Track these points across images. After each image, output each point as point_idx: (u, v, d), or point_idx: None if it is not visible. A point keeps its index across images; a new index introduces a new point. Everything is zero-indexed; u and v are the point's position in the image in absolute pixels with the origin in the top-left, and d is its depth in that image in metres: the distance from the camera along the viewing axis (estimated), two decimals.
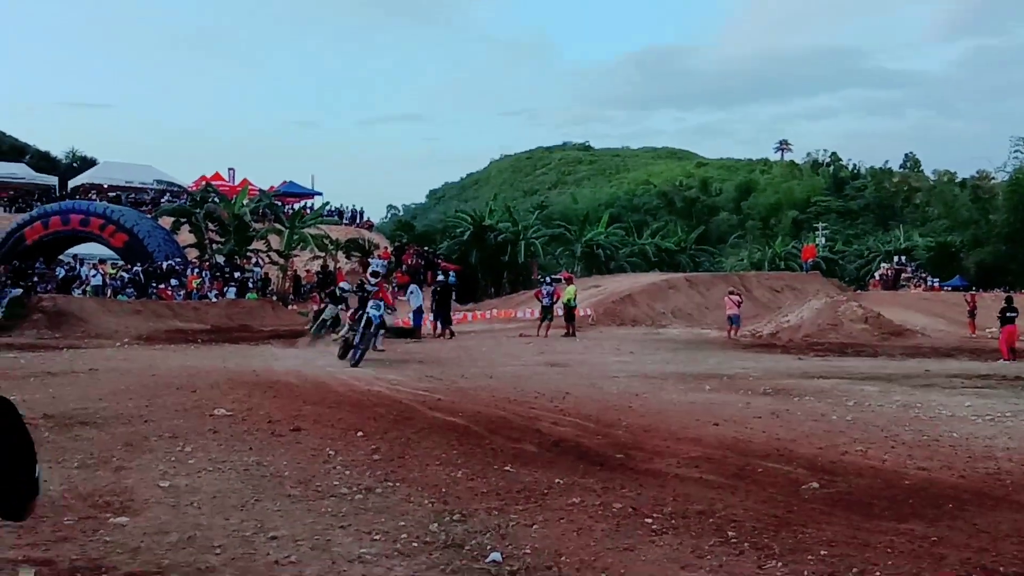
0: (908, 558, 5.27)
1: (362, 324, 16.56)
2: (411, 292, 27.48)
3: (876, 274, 59.64)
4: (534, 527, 5.93)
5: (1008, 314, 21.05)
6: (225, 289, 35.41)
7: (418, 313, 26.84)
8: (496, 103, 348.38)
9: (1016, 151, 64.37)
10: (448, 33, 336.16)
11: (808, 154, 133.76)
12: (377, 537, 5.71)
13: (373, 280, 16.81)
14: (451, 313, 27.79)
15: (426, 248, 46.94)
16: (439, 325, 26.66)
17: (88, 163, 66.59)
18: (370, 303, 16.65)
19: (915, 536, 5.72)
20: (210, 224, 40.05)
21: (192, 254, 39.91)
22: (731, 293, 28.77)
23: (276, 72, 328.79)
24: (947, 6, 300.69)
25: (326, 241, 42.50)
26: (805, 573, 4.98)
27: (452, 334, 25.93)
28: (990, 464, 7.93)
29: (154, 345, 21.66)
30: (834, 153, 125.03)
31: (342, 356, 17.00)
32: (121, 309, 28.75)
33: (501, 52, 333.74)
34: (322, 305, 25.57)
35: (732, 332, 26.56)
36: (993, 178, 72.31)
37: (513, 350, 21.62)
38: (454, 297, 28.98)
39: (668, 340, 25.30)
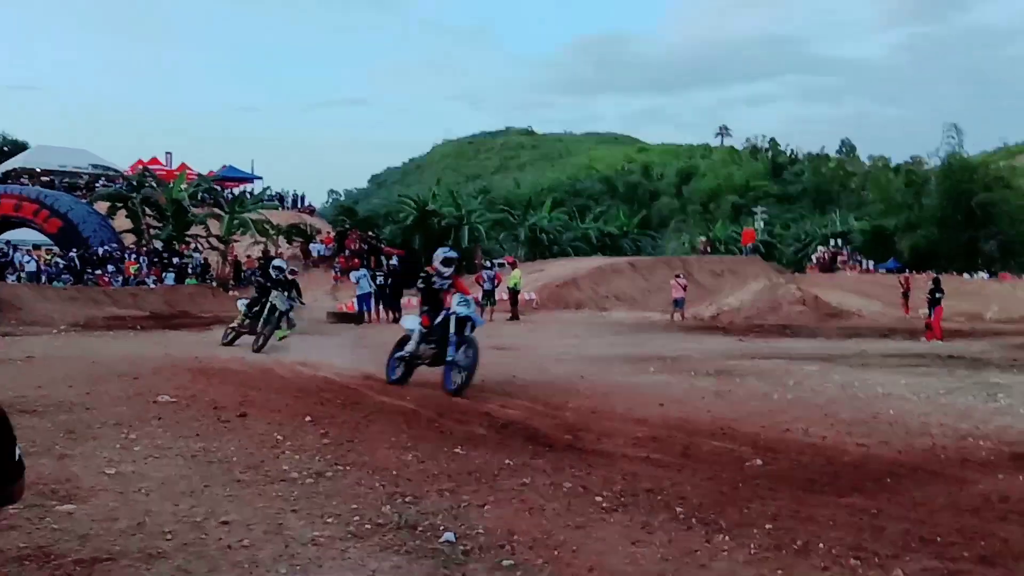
0: (849, 530, 5.44)
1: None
2: (361, 276, 27.23)
3: (813, 257, 60.79)
4: (486, 507, 5.98)
5: (936, 295, 21.64)
6: (163, 275, 34.80)
7: (366, 298, 26.65)
8: (439, 88, 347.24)
9: (949, 137, 66.01)
10: (392, 18, 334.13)
11: (747, 140, 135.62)
12: (330, 520, 5.71)
13: (447, 271, 12.49)
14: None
15: (369, 233, 46.62)
16: (390, 312, 26.34)
17: (20, 147, 64.75)
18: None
19: (856, 509, 5.90)
20: (147, 209, 39.25)
21: (129, 240, 39.12)
22: (677, 276, 29.11)
23: (215, 55, 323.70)
24: None
25: (267, 226, 41.96)
26: (751, 546, 5.11)
27: (397, 320, 25.74)
28: (926, 440, 8.19)
29: (92, 332, 21.24)
30: (772, 139, 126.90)
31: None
32: (57, 296, 28.10)
33: (445, 37, 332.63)
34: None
35: (677, 315, 26.91)
36: (926, 164, 74.08)
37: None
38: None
39: (612, 323, 25.57)
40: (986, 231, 58.38)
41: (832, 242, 62.64)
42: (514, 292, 27.55)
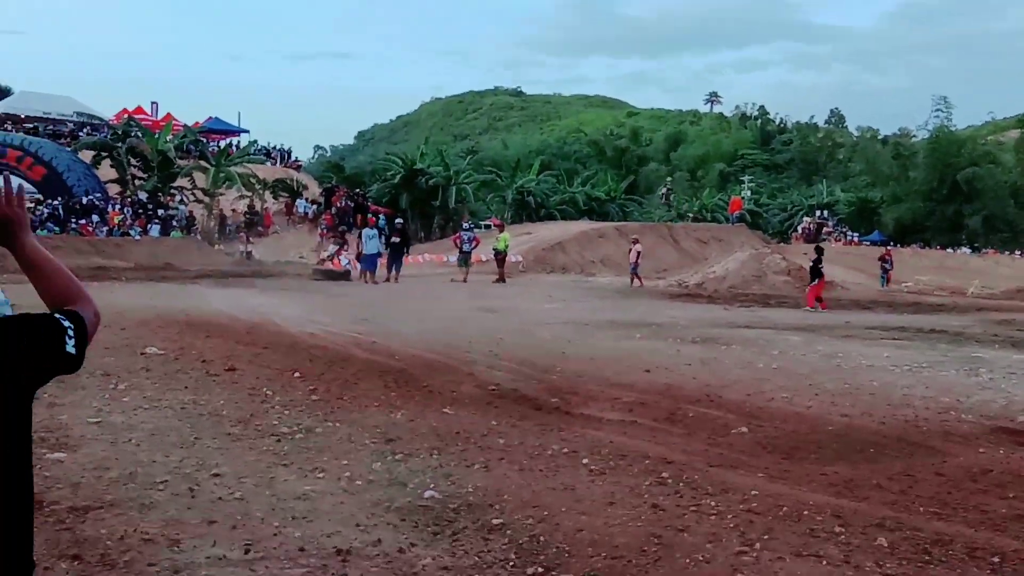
0: (833, 497, 5.54)
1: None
2: (370, 237, 26.47)
3: (799, 227, 60.85)
4: (475, 467, 6.05)
5: (820, 266, 21.72)
6: (148, 226, 34.53)
7: (372, 258, 25.88)
8: (428, 43, 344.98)
9: (937, 110, 65.87)
10: None
11: (737, 107, 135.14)
12: (320, 475, 5.77)
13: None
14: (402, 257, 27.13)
15: (356, 191, 46.34)
16: (393, 269, 25.97)
17: (3, 92, 63.81)
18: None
19: (839, 478, 6.00)
20: (132, 159, 38.80)
21: (113, 190, 38.70)
22: (635, 242, 29.09)
23: (201, 2, 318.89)
24: None
25: (253, 180, 41.63)
26: (736, 510, 5.20)
27: (397, 279, 25.58)
28: (908, 411, 8.29)
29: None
30: (762, 107, 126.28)
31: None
32: (41, 244, 27.84)
33: None
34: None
35: (636, 282, 27.04)
36: (914, 136, 73.98)
37: (445, 295, 21.66)
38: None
39: (598, 288, 25.61)
40: (971, 206, 58.52)
41: (818, 213, 62.71)
42: (501, 254, 27.53)
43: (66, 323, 1.96)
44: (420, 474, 5.82)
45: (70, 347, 1.93)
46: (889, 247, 41.16)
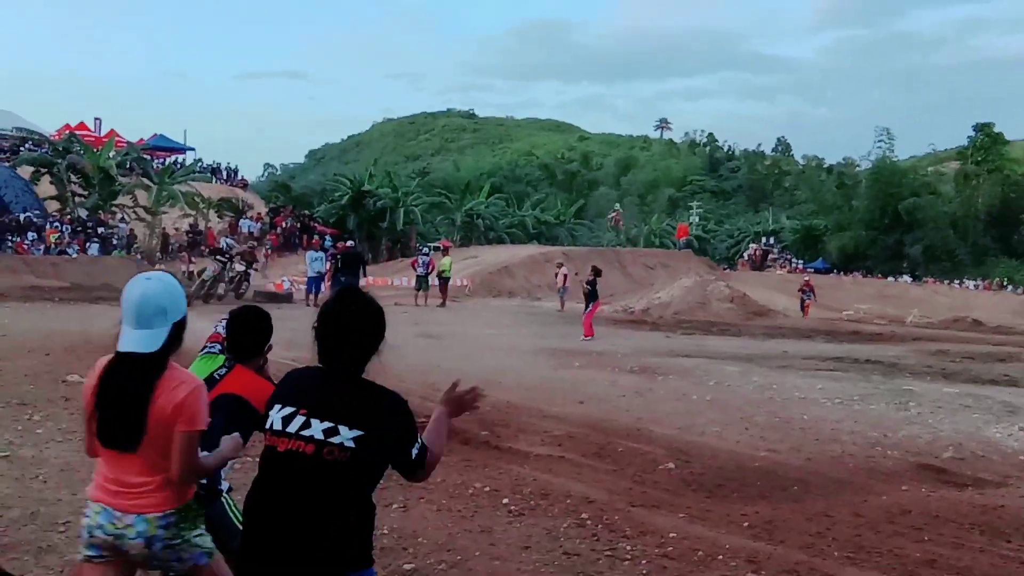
0: (751, 540, 5.51)
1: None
2: (317, 259, 26.09)
3: (745, 254, 61.62)
4: (393, 507, 5.93)
5: (594, 288, 20.53)
6: (87, 245, 33.83)
7: (316, 280, 25.58)
8: (380, 64, 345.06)
9: (880, 141, 67.35)
10: None
11: (686, 133, 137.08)
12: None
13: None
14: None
15: (304, 211, 45.97)
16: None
17: None
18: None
19: (760, 519, 5.98)
20: (73, 176, 38.05)
21: (52, 207, 37.96)
22: (560, 266, 28.97)
23: (148, 16, 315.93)
24: None
25: (197, 199, 41.04)
26: (652, 555, 5.14)
27: None
28: (835, 447, 8.34)
29: (6, 302, 20.56)
30: (711, 134, 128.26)
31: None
32: None
33: (387, 11, 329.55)
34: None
35: (558, 305, 26.88)
36: (858, 166, 75.47)
37: (387, 319, 21.43)
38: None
39: (543, 314, 25.58)
40: (912, 236, 59.79)
41: (764, 240, 63.61)
42: (444, 279, 27.44)
43: None
44: None
45: None
46: (809, 278, 41.22)
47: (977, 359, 17.33)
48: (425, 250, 31.05)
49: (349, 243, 28.67)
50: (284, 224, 41.89)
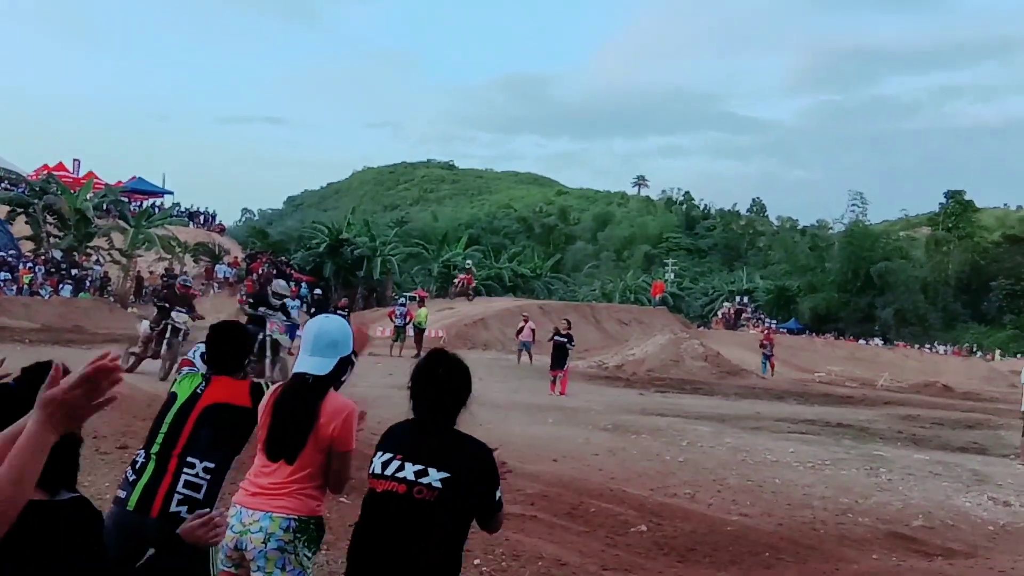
0: None
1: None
2: (294, 307, 25.73)
3: (719, 312, 62.02)
4: None
5: (569, 346, 19.78)
6: (60, 286, 33.58)
7: (292, 329, 25.39)
8: (361, 113, 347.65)
9: (853, 204, 68.45)
10: (315, 33, 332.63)
11: (663, 191, 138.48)
12: None
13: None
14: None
15: (281, 258, 45.90)
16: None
17: None
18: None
19: None
20: (49, 217, 37.93)
21: (27, 247, 37.75)
22: (526, 318, 28.70)
23: (129, 59, 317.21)
24: (796, 61, 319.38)
25: (173, 243, 40.97)
26: None
27: None
28: (807, 512, 8.35)
29: None
30: (687, 192, 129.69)
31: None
32: None
33: (369, 59, 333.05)
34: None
35: (525, 357, 26.57)
36: (831, 228, 76.61)
37: (360, 369, 21.29)
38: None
39: (518, 368, 25.53)
40: (883, 299, 60.50)
41: (738, 299, 64.09)
42: (419, 330, 27.41)
43: None
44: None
45: None
46: (769, 331, 41.44)
47: (947, 425, 17.48)
48: (402, 300, 31.09)
49: (316, 292, 28.47)
50: (261, 270, 41.73)
